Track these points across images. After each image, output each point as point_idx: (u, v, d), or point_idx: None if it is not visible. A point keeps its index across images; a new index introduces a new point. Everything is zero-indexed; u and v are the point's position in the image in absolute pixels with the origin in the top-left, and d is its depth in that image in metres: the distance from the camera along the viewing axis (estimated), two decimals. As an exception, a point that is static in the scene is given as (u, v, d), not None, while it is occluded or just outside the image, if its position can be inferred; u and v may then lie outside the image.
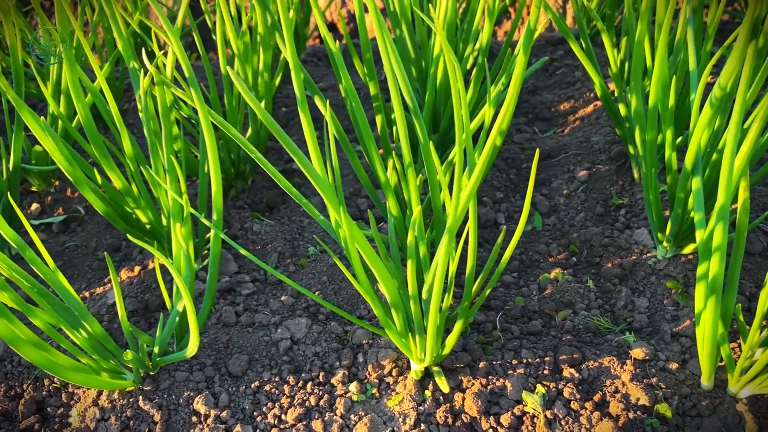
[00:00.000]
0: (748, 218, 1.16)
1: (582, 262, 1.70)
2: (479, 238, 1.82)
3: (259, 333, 1.58)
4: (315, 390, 1.42)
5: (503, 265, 1.19)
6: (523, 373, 1.37)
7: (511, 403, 1.33)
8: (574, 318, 1.52)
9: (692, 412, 1.29)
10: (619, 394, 1.31)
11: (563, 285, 1.61)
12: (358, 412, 1.37)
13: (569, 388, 1.32)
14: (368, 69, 1.46)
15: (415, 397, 1.37)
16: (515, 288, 1.65)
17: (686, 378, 1.34)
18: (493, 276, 1.26)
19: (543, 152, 2.13)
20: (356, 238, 1.11)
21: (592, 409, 1.29)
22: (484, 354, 1.44)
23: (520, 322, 1.52)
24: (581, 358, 1.38)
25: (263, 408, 1.41)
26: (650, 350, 1.37)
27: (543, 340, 1.45)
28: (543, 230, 1.83)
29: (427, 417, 1.34)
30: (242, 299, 1.70)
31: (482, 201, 1.91)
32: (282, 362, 1.50)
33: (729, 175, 1.06)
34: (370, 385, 1.43)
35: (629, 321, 1.50)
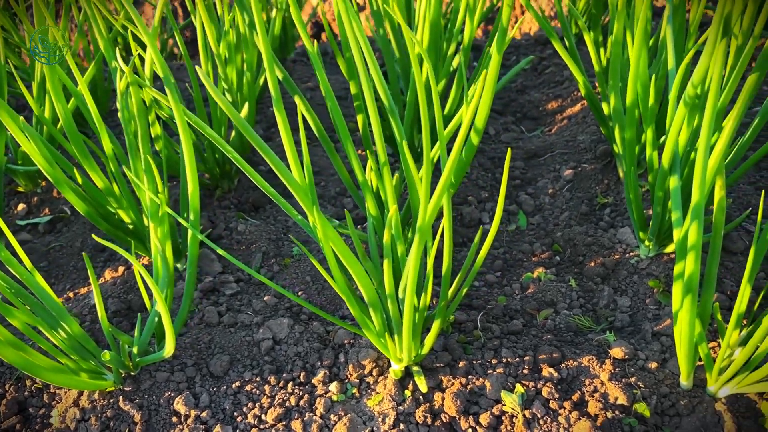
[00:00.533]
0: (724, 217, 1.15)
1: (565, 261, 1.70)
2: (464, 238, 1.82)
3: (241, 333, 1.58)
4: (295, 390, 1.42)
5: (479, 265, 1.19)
6: (503, 372, 1.37)
7: (490, 402, 1.33)
8: (556, 317, 1.51)
9: (671, 412, 1.29)
10: (597, 393, 1.31)
11: (545, 284, 1.60)
12: (338, 412, 1.37)
13: (548, 388, 1.32)
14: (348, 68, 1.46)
15: (395, 397, 1.37)
16: (498, 287, 1.65)
17: (666, 377, 1.34)
18: (469, 276, 1.26)
19: (529, 151, 2.12)
20: (331, 237, 1.10)
21: (571, 409, 1.29)
22: (465, 353, 1.44)
23: (502, 321, 1.52)
24: (561, 358, 1.38)
25: (243, 408, 1.40)
26: (630, 349, 1.37)
27: (523, 340, 1.45)
28: (528, 229, 1.82)
29: (406, 417, 1.34)
30: (225, 299, 1.70)
31: (467, 200, 1.91)
32: (264, 362, 1.50)
33: (703, 174, 1.05)
34: (351, 385, 1.42)
35: (611, 320, 1.50)
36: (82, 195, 1.55)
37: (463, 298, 1.60)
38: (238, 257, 1.85)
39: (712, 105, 0.99)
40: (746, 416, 1.26)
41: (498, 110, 2.43)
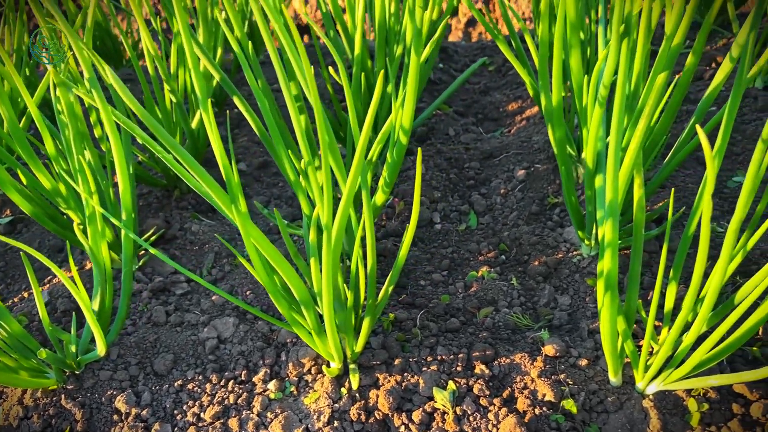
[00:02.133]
0: (644, 215, 1.17)
1: (511, 260, 1.71)
2: (414, 237, 1.84)
3: (187, 332, 1.59)
4: (235, 389, 1.43)
5: (400, 263, 1.21)
6: (437, 370, 1.38)
7: (423, 399, 1.35)
8: (495, 315, 1.53)
9: (599, 408, 1.30)
10: (527, 390, 1.32)
11: (488, 283, 1.62)
12: (275, 409, 1.38)
13: (479, 385, 1.33)
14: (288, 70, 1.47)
15: (332, 395, 1.38)
16: (443, 286, 1.66)
17: (596, 374, 1.35)
18: (392, 274, 1.28)
19: (485, 152, 2.14)
20: (253, 236, 1.12)
21: (500, 405, 1.30)
22: (403, 351, 1.45)
23: (442, 319, 1.54)
24: (494, 355, 1.40)
25: (184, 406, 1.42)
26: (561, 347, 1.39)
27: (460, 338, 1.47)
28: (477, 229, 1.84)
29: (341, 414, 1.35)
30: (175, 299, 1.71)
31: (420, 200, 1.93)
32: (208, 361, 1.51)
33: (615, 171, 1.07)
34: (289, 383, 1.44)
35: (549, 318, 1.52)
36: (28, 195, 1.56)
37: (408, 297, 1.62)
38: (191, 257, 1.86)
39: (619, 103, 1.00)
40: (673, 413, 1.27)
41: (460, 111, 2.45)
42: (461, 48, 2.92)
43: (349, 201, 0.98)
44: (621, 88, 1.00)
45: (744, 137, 2.01)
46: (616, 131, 1.03)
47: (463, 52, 2.88)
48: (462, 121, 2.35)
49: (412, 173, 2.03)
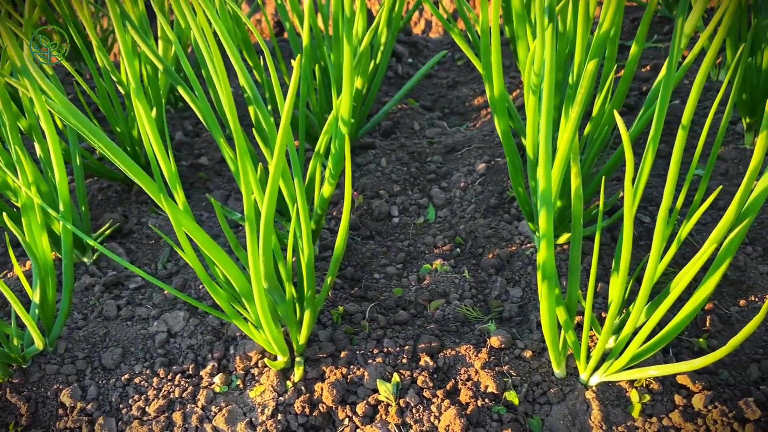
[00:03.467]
0: (582, 205, 1.16)
1: (466, 253, 1.70)
2: (371, 231, 1.83)
3: (137, 326, 1.58)
4: (182, 382, 1.42)
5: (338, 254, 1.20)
6: (382, 362, 1.37)
7: (368, 392, 1.34)
8: (446, 308, 1.52)
9: (541, 400, 1.30)
10: (470, 382, 1.31)
11: (441, 275, 1.61)
12: (220, 403, 1.37)
13: (423, 377, 1.33)
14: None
15: (277, 388, 1.38)
16: (397, 279, 1.65)
17: (540, 366, 1.35)
18: (331, 266, 1.27)
19: (448, 146, 2.13)
20: (185, 226, 1.11)
21: (443, 397, 1.29)
22: (351, 344, 1.44)
23: (392, 312, 1.53)
24: (440, 347, 1.39)
25: (129, 400, 1.41)
26: (507, 338, 1.38)
27: (407, 330, 1.46)
28: (435, 222, 1.83)
29: (286, 407, 1.34)
30: (128, 293, 1.70)
31: (379, 194, 1.92)
32: (157, 355, 1.50)
33: (546, 161, 1.06)
34: (236, 376, 1.43)
35: (500, 311, 1.51)
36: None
37: (360, 290, 1.61)
38: (147, 251, 1.85)
39: (547, 92, 1.00)
40: (616, 404, 1.27)
41: (427, 106, 2.44)
42: (432, 42, 2.91)
43: (273, 192, 0.97)
44: (549, 75, 0.99)
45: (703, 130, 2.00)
46: (545, 121, 1.03)
47: (434, 46, 2.87)
48: (428, 116, 2.35)
49: (373, 167, 2.02)
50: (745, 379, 1.30)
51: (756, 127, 1.84)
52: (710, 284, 1.05)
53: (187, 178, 2.14)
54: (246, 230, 1.00)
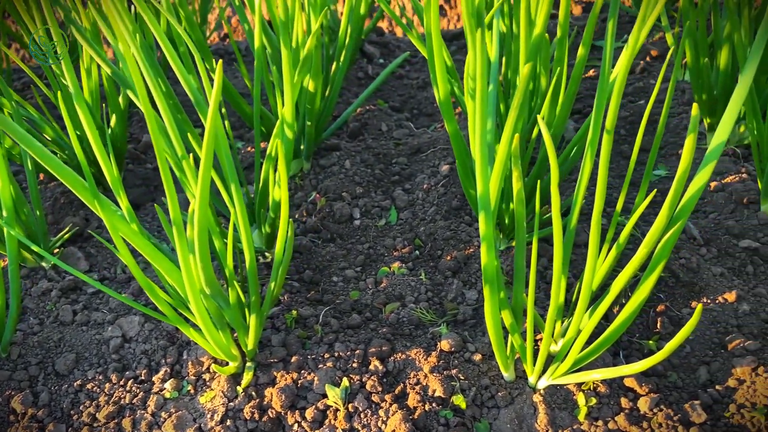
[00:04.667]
0: (524, 208, 1.16)
1: (424, 255, 1.70)
2: (333, 233, 1.82)
3: (92, 332, 1.57)
4: (133, 388, 1.41)
5: (287, 261, 1.19)
6: (332, 366, 1.36)
7: (317, 397, 1.33)
8: (401, 311, 1.52)
9: (490, 404, 1.29)
10: (419, 386, 1.31)
11: (398, 278, 1.61)
12: (170, 409, 1.36)
13: (372, 381, 1.32)
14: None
15: (227, 393, 1.37)
16: (355, 282, 1.65)
17: (490, 369, 1.34)
18: (281, 271, 1.26)
19: (413, 147, 2.13)
20: (121, 231, 1.10)
21: (392, 402, 1.29)
22: (303, 349, 1.44)
23: (347, 315, 1.52)
24: (390, 351, 1.38)
25: (81, 406, 1.40)
26: (457, 342, 1.37)
27: (360, 334, 1.45)
28: (396, 225, 1.83)
29: (235, 413, 1.33)
30: (85, 298, 1.69)
31: (341, 196, 1.91)
32: (111, 360, 1.49)
33: (483, 163, 1.06)
34: (187, 382, 1.42)
35: (455, 313, 1.50)
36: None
37: (316, 293, 1.60)
38: (107, 255, 1.84)
39: (480, 96, 0.99)
40: (563, 408, 1.26)
41: (396, 107, 2.43)
42: (404, 43, 2.90)
43: (204, 198, 0.96)
44: (480, 79, 0.99)
45: (667, 130, 2.00)
46: (480, 123, 1.02)
47: (406, 47, 2.86)
48: (396, 117, 2.34)
49: (336, 169, 2.01)
50: (693, 381, 1.30)
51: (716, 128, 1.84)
52: (646, 287, 1.05)
53: (152, 181, 2.13)
54: (174, 235, 0.99)
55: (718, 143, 0.95)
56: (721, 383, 1.27)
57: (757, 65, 0.91)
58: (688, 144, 0.89)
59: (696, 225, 1.63)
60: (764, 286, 1.48)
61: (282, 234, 1.12)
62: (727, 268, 1.52)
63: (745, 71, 0.93)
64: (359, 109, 2.34)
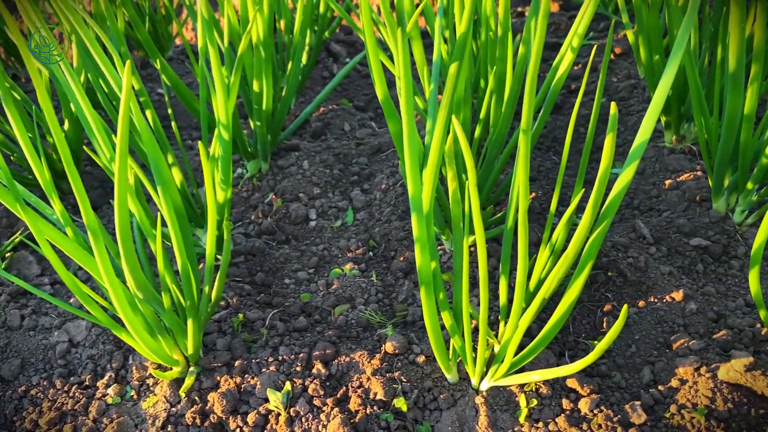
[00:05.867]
0: (460, 208, 1.14)
1: (378, 256, 1.69)
2: (289, 235, 1.80)
3: (39, 337, 1.55)
4: (76, 394, 1.40)
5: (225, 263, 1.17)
6: (275, 370, 1.35)
7: (259, 401, 1.32)
8: (350, 313, 1.50)
9: (432, 406, 1.28)
10: (361, 389, 1.29)
11: (349, 280, 1.59)
12: (112, 415, 1.35)
13: (315, 385, 1.30)
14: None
15: (170, 398, 1.35)
16: (306, 284, 1.63)
17: (434, 371, 1.33)
18: (219, 275, 1.24)
19: (374, 147, 2.11)
20: (46, 234, 1.08)
21: (333, 405, 1.27)
22: (249, 353, 1.42)
23: (294, 318, 1.51)
24: (334, 354, 1.37)
25: (24, 413, 1.38)
26: (402, 344, 1.36)
27: (306, 337, 1.44)
28: (352, 225, 1.81)
29: (177, 418, 1.32)
30: (34, 302, 1.66)
31: (298, 197, 1.89)
32: (56, 366, 1.47)
33: (413, 165, 1.05)
34: (130, 387, 1.40)
35: (404, 315, 1.49)
36: None
37: (266, 296, 1.59)
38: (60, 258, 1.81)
39: (405, 95, 0.98)
40: (504, 409, 1.25)
41: (360, 106, 2.42)
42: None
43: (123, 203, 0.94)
44: (405, 78, 0.97)
45: (626, 128, 2.00)
46: (407, 124, 1.01)
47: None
48: (359, 116, 2.32)
49: (294, 169, 1.99)
50: (637, 381, 1.29)
51: (674, 125, 1.83)
52: (576, 288, 1.04)
53: (109, 183, 2.11)
54: (90, 240, 0.97)
55: (640, 142, 0.94)
56: (664, 383, 1.26)
57: (679, 60, 0.90)
58: (608, 145, 0.88)
59: (648, 224, 1.62)
60: (713, 285, 1.48)
61: (211, 237, 1.10)
62: (676, 266, 1.51)
63: (668, 67, 0.92)
64: (322, 109, 2.33)
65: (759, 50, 1.30)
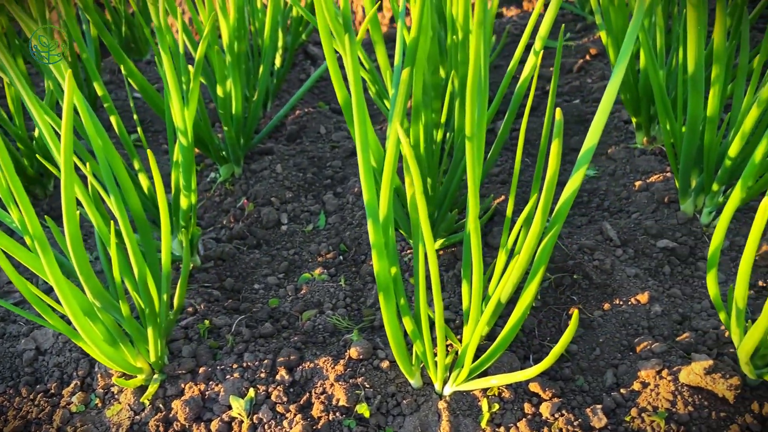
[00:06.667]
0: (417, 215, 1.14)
1: (348, 261, 1.68)
2: (260, 240, 1.80)
3: (6, 344, 1.54)
4: (41, 402, 1.39)
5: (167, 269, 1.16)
6: (239, 377, 1.34)
7: (223, 408, 1.31)
8: (318, 318, 1.50)
9: (395, 411, 1.28)
10: (324, 395, 1.29)
11: (318, 284, 1.59)
12: (75, 423, 1.34)
13: (278, 391, 1.30)
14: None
15: (134, 406, 1.34)
16: (275, 289, 1.63)
17: (397, 376, 1.33)
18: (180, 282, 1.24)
19: (348, 150, 2.11)
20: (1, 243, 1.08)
21: (296, 412, 1.27)
22: (214, 359, 1.41)
23: (261, 324, 1.50)
24: (299, 360, 1.37)
25: (-12, 422, 1.37)
26: (366, 349, 1.36)
27: (272, 343, 1.43)
28: (323, 229, 1.81)
29: (141, 426, 1.31)
30: (3, 310, 1.66)
31: (270, 201, 1.89)
32: (23, 374, 1.46)
33: (366, 171, 1.05)
34: (95, 395, 1.40)
35: (372, 319, 1.49)
36: None
37: (236, 302, 1.58)
38: (30, 266, 1.81)
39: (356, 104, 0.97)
40: (467, 414, 1.25)
41: (336, 109, 2.41)
42: (352, 44, 2.88)
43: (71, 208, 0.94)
44: (354, 85, 0.97)
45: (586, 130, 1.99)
46: (358, 131, 1.01)
47: (353, 48, 2.83)
48: (335, 119, 2.32)
49: (267, 173, 1.98)
50: (600, 385, 1.29)
51: (644, 127, 1.83)
52: (529, 292, 1.04)
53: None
54: (38, 249, 0.97)
55: (588, 147, 0.93)
56: (626, 386, 1.26)
57: (628, 59, 0.90)
58: (554, 151, 0.88)
59: (616, 225, 1.62)
60: (679, 287, 1.48)
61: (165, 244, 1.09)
62: (643, 268, 1.51)
63: (614, 74, 0.92)
64: (298, 111, 2.32)
65: (720, 53, 1.30)
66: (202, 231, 1.85)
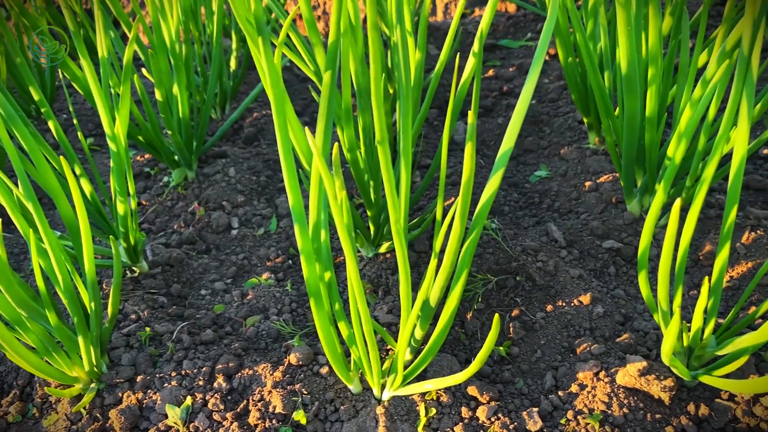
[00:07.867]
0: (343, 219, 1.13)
1: (297, 265, 1.67)
2: (210, 244, 1.78)
3: (-54, 355, 1.51)
4: (-22, 413, 1.36)
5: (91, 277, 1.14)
6: (177, 385, 1.33)
7: (160, 417, 1.29)
8: (261, 324, 1.48)
9: (333, 417, 1.26)
10: (261, 402, 1.28)
11: (264, 290, 1.57)
12: (11, 434, 1.32)
13: (215, 399, 1.28)
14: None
15: (71, 416, 1.32)
16: (222, 295, 1.61)
17: (336, 382, 1.31)
18: (113, 288, 1.22)
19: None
20: None
21: (233, 420, 1.25)
22: (154, 367, 1.39)
23: (203, 331, 1.48)
24: (238, 367, 1.35)
25: (-77, 435, 1.34)
26: (306, 354, 1.34)
27: (212, 350, 1.41)
28: (275, 233, 1.79)
29: (77, 436, 1.29)
30: (-55, 319, 1.63)
31: (221, 205, 1.87)
32: (-38, 384, 1.44)
33: (290, 175, 1.03)
34: (33, 405, 1.37)
35: (316, 324, 1.47)
36: None
37: (180, 308, 1.56)
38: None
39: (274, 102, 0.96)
40: (405, 419, 1.24)
41: (297, 111, 2.40)
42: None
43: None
44: (273, 89, 0.96)
45: (552, 130, 1.99)
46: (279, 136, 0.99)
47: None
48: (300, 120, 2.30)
49: (219, 177, 1.96)
50: (539, 387, 1.29)
51: (595, 127, 1.83)
52: (454, 297, 1.03)
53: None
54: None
55: (504, 151, 0.92)
56: (564, 389, 1.26)
57: (538, 71, 0.90)
58: (468, 154, 0.87)
59: (564, 226, 1.62)
60: (624, 287, 1.48)
61: (88, 251, 1.07)
62: (587, 269, 1.51)
63: (528, 78, 0.91)
64: (256, 114, 2.30)
65: (654, 53, 1.30)
66: (153, 236, 1.83)
